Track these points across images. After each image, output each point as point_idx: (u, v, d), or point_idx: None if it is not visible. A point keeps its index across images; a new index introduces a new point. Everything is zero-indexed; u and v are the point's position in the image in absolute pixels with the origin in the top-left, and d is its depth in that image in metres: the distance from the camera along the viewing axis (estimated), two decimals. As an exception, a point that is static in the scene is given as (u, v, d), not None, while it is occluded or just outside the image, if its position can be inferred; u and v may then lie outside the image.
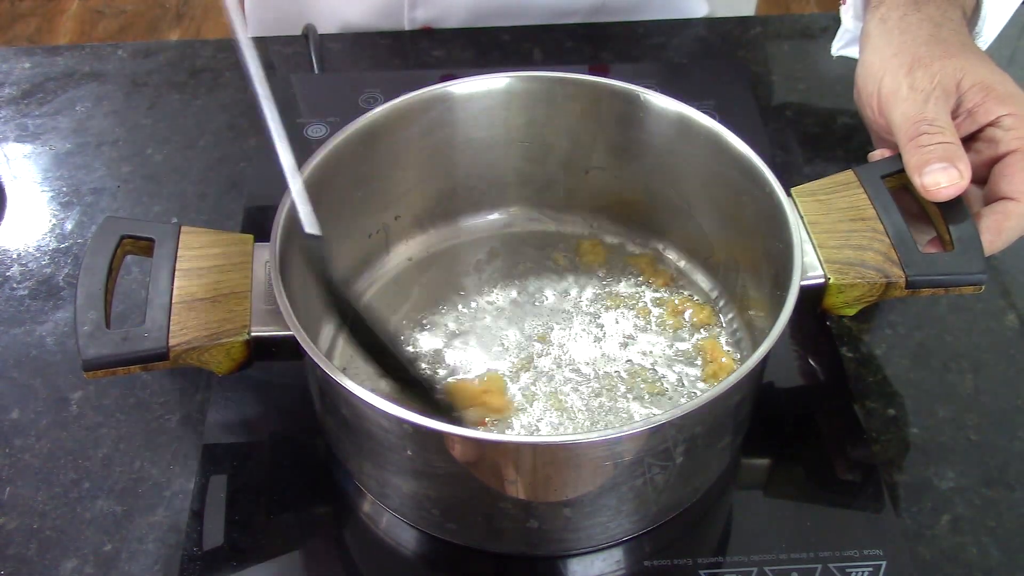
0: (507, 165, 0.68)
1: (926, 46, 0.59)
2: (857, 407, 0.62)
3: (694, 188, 0.64)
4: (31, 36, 2.33)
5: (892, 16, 0.61)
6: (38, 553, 0.56)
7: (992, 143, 0.57)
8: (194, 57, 0.90)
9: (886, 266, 0.54)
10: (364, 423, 0.51)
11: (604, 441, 0.47)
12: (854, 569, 0.54)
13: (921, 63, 0.58)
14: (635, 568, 0.55)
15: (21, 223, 0.76)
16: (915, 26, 0.60)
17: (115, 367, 0.51)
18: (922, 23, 0.60)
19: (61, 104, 0.85)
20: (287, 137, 0.52)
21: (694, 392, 0.60)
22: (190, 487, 0.59)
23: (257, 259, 0.55)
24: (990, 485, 0.59)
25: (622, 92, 0.63)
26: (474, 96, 0.64)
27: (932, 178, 0.54)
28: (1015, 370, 0.65)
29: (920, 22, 0.60)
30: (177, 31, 2.35)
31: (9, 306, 0.69)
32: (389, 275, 0.68)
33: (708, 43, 0.90)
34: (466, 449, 0.48)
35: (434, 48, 0.90)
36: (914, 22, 0.60)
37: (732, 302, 0.64)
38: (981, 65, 0.58)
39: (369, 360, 0.54)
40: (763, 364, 0.51)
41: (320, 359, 0.48)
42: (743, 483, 0.59)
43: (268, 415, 0.62)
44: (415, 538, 0.57)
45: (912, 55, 0.58)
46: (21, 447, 0.61)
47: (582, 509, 0.51)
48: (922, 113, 0.56)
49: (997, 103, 0.56)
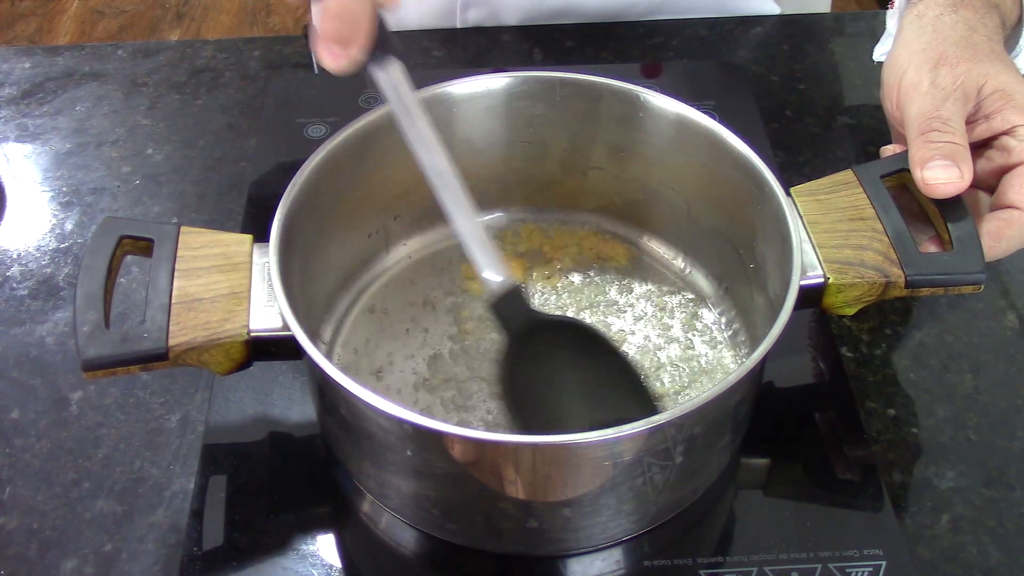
0: (507, 165, 0.68)
1: (955, 47, 0.58)
2: (857, 407, 0.62)
3: (693, 188, 0.64)
4: (31, 36, 2.33)
5: (928, 14, 0.61)
6: (38, 553, 0.56)
7: (1005, 152, 0.57)
8: (194, 57, 0.90)
9: (885, 266, 0.54)
10: (363, 423, 0.51)
11: (604, 441, 0.47)
12: (854, 569, 0.54)
13: (947, 62, 0.58)
14: (635, 568, 0.55)
15: (21, 223, 0.76)
16: (949, 26, 0.60)
17: (114, 367, 0.51)
18: (956, 24, 0.60)
19: (61, 104, 0.85)
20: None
21: (681, 378, 0.60)
22: (190, 487, 0.59)
23: (256, 259, 0.55)
24: (990, 485, 0.59)
25: (622, 92, 0.63)
26: (474, 96, 0.64)
27: (932, 173, 0.54)
28: (1015, 370, 0.65)
29: (955, 23, 0.60)
30: (177, 31, 2.35)
31: (9, 306, 0.69)
32: (389, 275, 0.68)
33: (708, 43, 0.90)
34: (466, 449, 0.48)
35: (434, 48, 0.90)
36: (948, 23, 0.60)
37: (731, 302, 0.64)
38: (1006, 73, 0.57)
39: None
40: (763, 364, 0.51)
41: (319, 359, 0.48)
42: (743, 483, 0.59)
43: (268, 415, 0.62)
44: (415, 538, 0.57)
45: (939, 53, 0.58)
46: (21, 447, 0.61)
47: (582, 509, 0.51)
48: (938, 111, 0.56)
49: (1015, 112, 0.56)
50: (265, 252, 0.54)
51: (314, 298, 0.62)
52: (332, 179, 0.59)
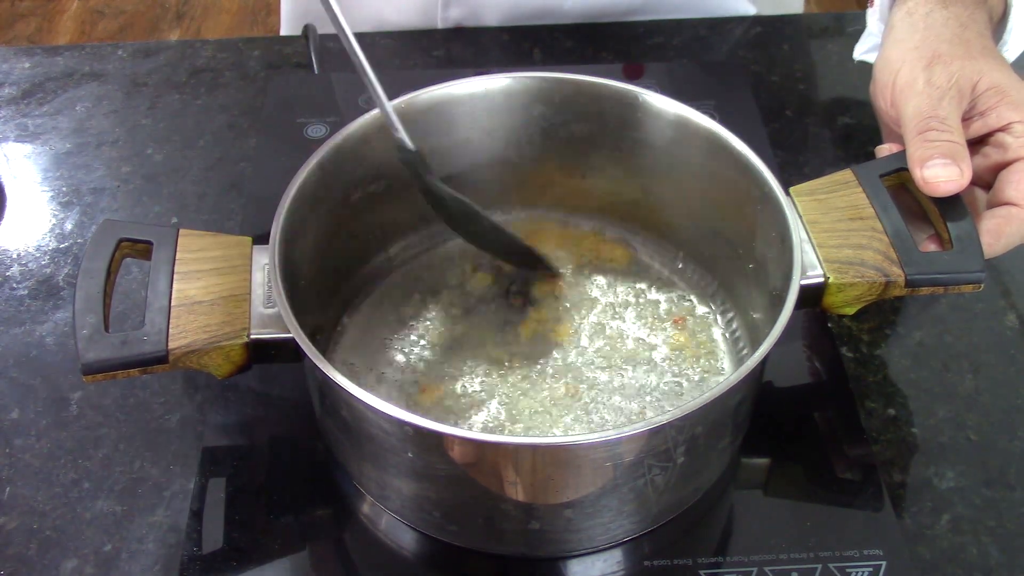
0: (506, 165, 0.68)
1: (948, 44, 0.59)
2: (857, 407, 0.62)
3: (693, 188, 0.64)
4: (31, 36, 2.33)
5: (919, 11, 0.61)
6: (38, 553, 0.56)
7: (1001, 148, 0.57)
8: (194, 57, 0.90)
9: (885, 265, 0.54)
10: (364, 425, 0.51)
11: (604, 442, 0.47)
12: (854, 569, 0.54)
13: (941, 60, 0.58)
14: (636, 568, 0.55)
15: (21, 223, 0.76)
16: (940, 23, 0.60)
17: (114, 371, 0.51)
18: (948, 21, 0.60)
19: (61, 104, 0.85)
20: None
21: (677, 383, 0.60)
22: (190, 487, 0.59)
23: (256, 261, 0.55)
24: (990, 485, 0.59)
25: (621, 93, 0.63)
26: (474, 96, 0.64)
27: (932, 172, 0.54)
28: (1015, 370, 0.65)
29: (946, 20, 0.60)
30: (177, 31, 2.35)
31: (9, 306, 0.69)
32: (388, 276, 0.68)
33: (708, 43, 0.90)
34: (466, 451, 0.48)
35: (434, 48, 0.90)
36: (939, 19, 0.60)
37: (731, 302, 0.64)
38: (1000, 70, 0.58)
39: (484, 246, 0.64)
40: (763, 364, 0.51)
41: (320, 361, 0.48)
42: (743, 483, 0.59)
43: (268, 416, 0.62)
44: (415, 540, 0.57)
45: (933, 51, 0.58)
46: (21, 447, 0.61)
47: (583, 510, 0.51)
48: (934, 110, 0.56)
49: (1010, 109, 0.56)
50: (264, 254, 0.54)
51: (314, 300, 0.62)
52: (332, 179, 0.59)
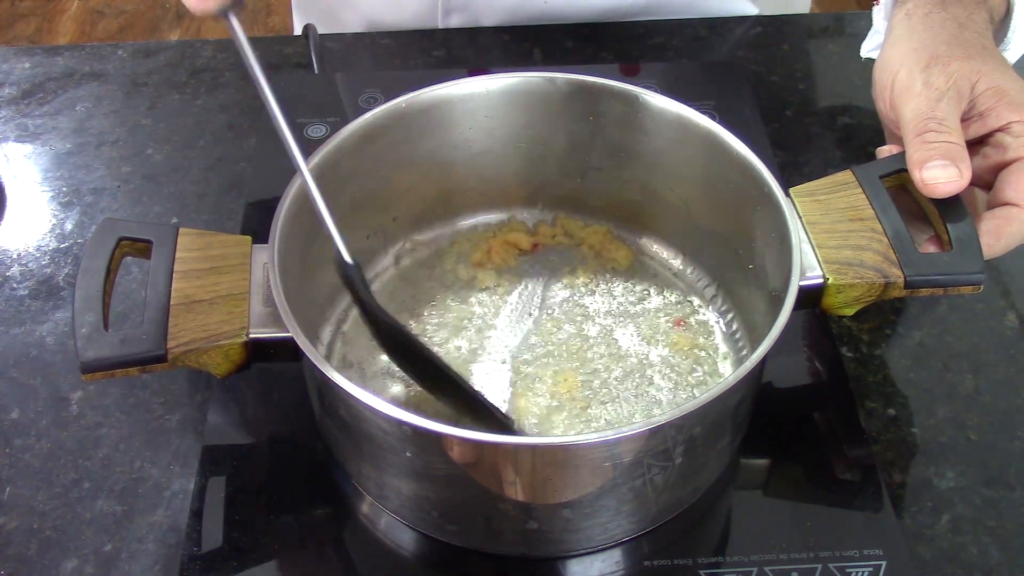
0: (505, 166, 0.68)
1: (947, 45, 0.59)
2: (857, 407, 0.62)
3: (693, 188, 0.64)
4: (31, 36, 2.33)
5: (917, 12, 0.61)
6: (38, 553, 0.56)
7: (1000, 148, 0.57)
8: (194, 57, 0.90)
9: (885, 266, 0.54)
10: (363, 425, 0.51)
11: (603, 442, 0.47)
12: (854, 569, 0.54)
13: (939, 61, 0.58)
14: (635, 568, 0.55)
15: (21, 223, 0.76)
16: (938, 24, 0.60)
17: (113, 369, 0.51)
18: (946, 22, 0.60)
19: (61, 104, 0.85)
20: (305, 164, 0.52)
21: (663, 382, 0.60)
22: (190, 487, 0.59)
23: (255, 261, 0.55)
24: (990, 485, 0.59)
25: (621, 93, 0.63)
26: (473, 96, 0.64)
27: (931, 173, 0.54)
28: (1015, 370, 0.65)
29: (944, 21, 0.60)
30: (177, 31, 2.35)
31: (9, 306, 0.69)
32: (387, 275, 0.68)
33: (708, 43, 0.90)
34: (465, 451, 0.48)
35: (434, 48, 0.90)
36: (938, 20, 0.60)
37: (732, 302, 0.64)
38: (998, 70, 0.58)
39: (421, 382, 0.56)
40: (762, 364, 0.51)
41: (319, 361, 0.48)
42: (743, 483, 0.59)
43: (267, 416, 0.62)
44: (414, 539, 0.57)
45: (931, 52, 0.58)
46: (21, 447, 0.61)
47: (582, 510, 0.51)
48: (933, 111, 0.56)
49: (1009, 109, 0.56)
50: (264, 253, 0.54)
51: (313, 299, 0.62)
52: (332, 179, 0.59)
